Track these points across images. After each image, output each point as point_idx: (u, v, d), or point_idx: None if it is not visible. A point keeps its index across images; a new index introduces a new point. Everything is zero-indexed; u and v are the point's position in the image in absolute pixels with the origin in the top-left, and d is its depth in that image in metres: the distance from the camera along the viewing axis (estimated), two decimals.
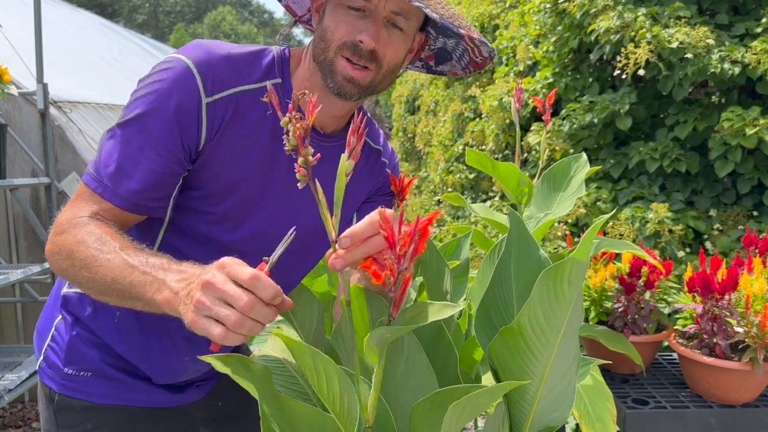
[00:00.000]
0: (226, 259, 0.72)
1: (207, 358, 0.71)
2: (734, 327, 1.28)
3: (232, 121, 0.97)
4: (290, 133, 0.66)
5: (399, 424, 0.77)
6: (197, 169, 0.99)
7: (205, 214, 1.02)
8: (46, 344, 1.12)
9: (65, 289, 1.11)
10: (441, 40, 1.10)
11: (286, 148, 0.67)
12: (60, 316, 1.11)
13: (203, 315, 0.69)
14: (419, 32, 1.04)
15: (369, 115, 1.15)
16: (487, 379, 1.04)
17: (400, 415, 0.77)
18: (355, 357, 0.72)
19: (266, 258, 0.75)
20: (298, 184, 0.68)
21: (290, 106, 0.67)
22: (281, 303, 0.71)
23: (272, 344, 1.04)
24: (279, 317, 1.24)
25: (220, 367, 0.70)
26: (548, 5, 3.32)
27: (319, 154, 0.69)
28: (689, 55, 2.52)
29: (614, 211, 1.63)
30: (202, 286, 0.70)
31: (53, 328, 1.12)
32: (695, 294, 1.33)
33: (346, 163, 0.68)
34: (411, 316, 0.69)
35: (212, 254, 0.80)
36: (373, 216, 0.70)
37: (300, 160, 0.67)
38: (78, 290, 1.09)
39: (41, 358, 1.12)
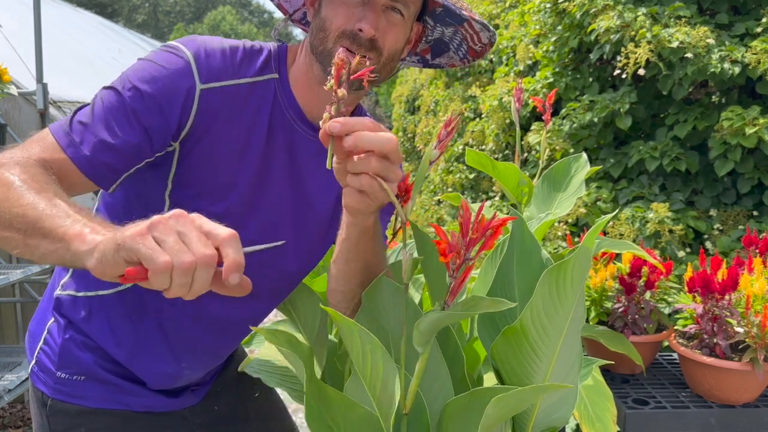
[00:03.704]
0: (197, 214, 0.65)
1: (258, 330, 0.72)
2: (734, 327, 1.28)
3: (226, 114, 0.96)
4: (332, 69, 0.69)
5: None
6: (189, 163, 0.97)
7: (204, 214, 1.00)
8: (38, 348, 1.09)
9: (58, 292, 1.09)
10: (438, 30, 1.08)
11: (326, 87, 0.71)
12: (52, 319, 1.09)
13: (154, 235, 0.60)
14: (416, 22, 1.02)
15: (369, 116, 1.14)
16: (489, 379, 1.04)
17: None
18: (402, 343, 0.72)
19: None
20: (321, 123, 0.70)
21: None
22: (241, 281, 0.62)
23: (270, 346, 1.04)
24: (281, 316, 1.24)
25: (268, 337, 0.71)
26: (548, 5, 3.32)
27: (350, 107, 0.69)
28: (689, 55, 2.52)
29: (616, 211, 1.63)
30: (172, 215, 0.62)
31: (45, 331, 1.09)
32: (695, 294, 1.33)
33: (431, 152, 0.71)
34: (465, 306, 0.67)
35: None
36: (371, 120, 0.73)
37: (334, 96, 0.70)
38: (71, 293, 1.07)
39: (33, 361, 1.09)
